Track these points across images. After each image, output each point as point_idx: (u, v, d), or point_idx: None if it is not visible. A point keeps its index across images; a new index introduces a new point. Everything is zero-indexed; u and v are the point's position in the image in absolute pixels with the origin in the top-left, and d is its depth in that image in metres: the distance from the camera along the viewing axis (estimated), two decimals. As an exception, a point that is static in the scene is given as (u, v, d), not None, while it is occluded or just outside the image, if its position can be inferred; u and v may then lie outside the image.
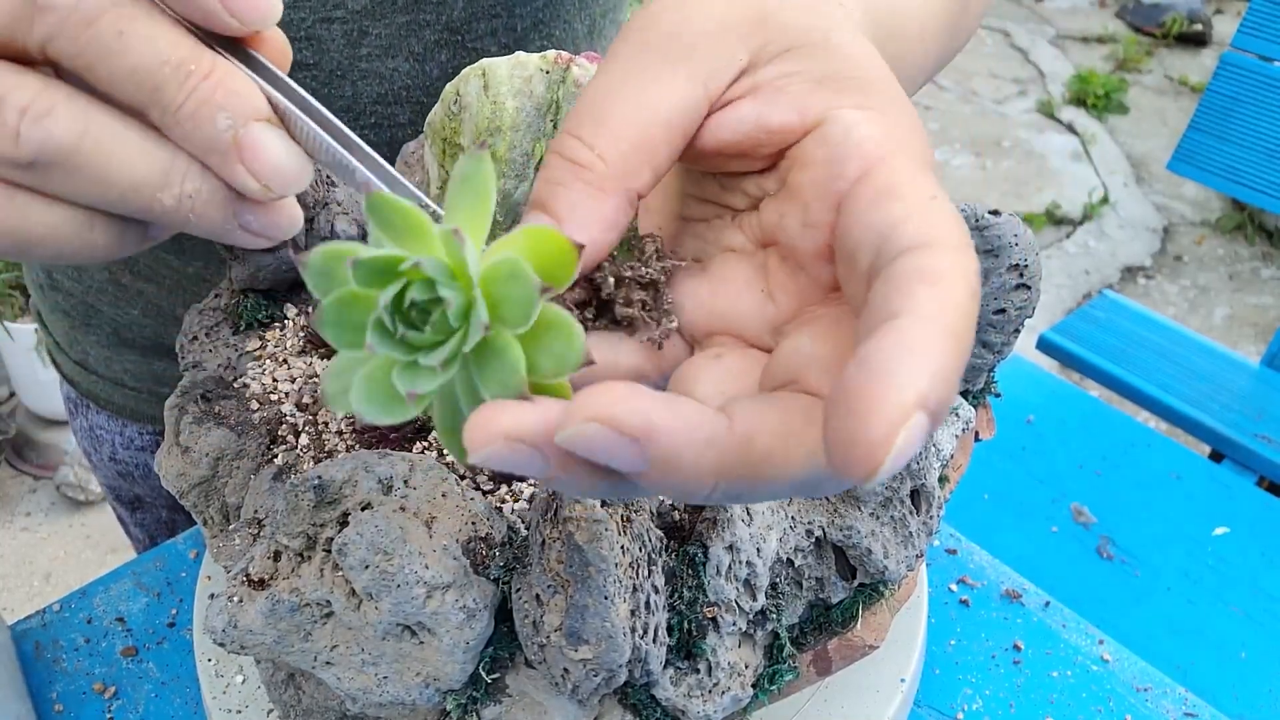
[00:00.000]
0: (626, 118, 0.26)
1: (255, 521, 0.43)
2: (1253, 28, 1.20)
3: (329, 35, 0.57)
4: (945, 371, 0.19)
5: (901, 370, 0.19)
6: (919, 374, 0.19)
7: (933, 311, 0.20)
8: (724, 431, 0.21)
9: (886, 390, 0.19)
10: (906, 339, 0.19)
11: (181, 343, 0.52)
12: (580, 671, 0.36)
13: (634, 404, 0.20)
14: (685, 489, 0.21)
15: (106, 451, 0.77)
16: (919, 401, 0.18)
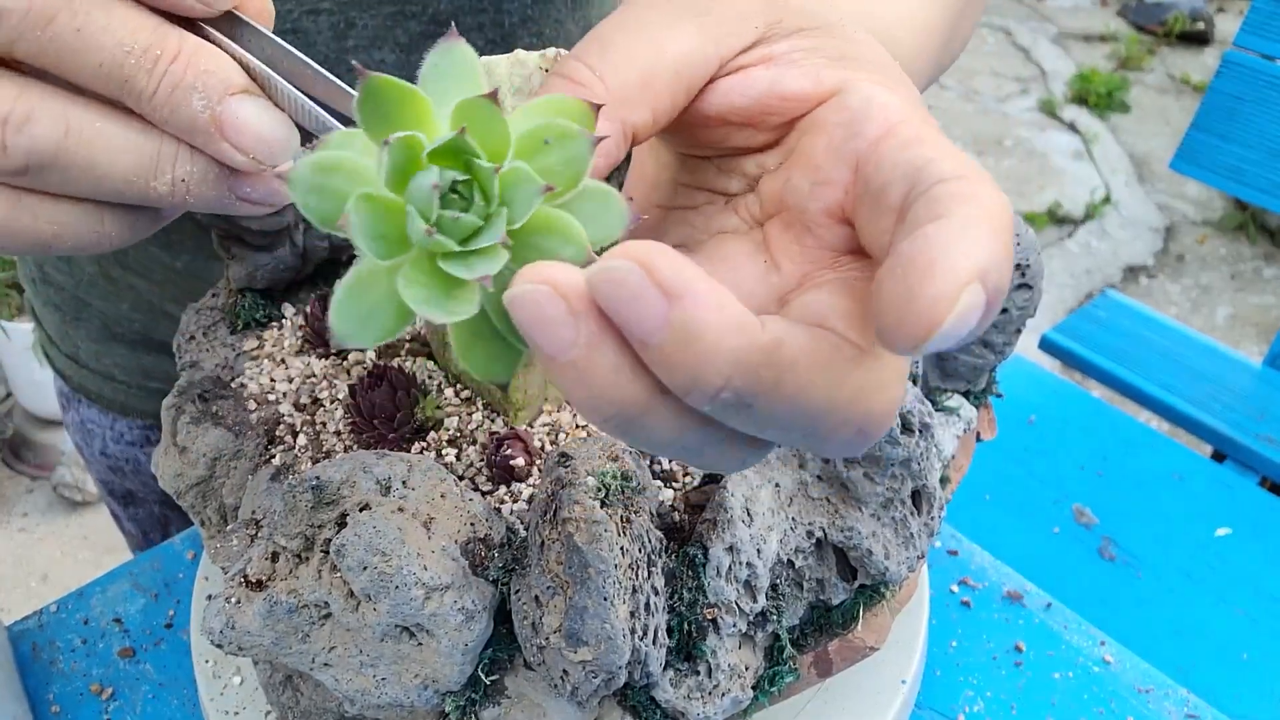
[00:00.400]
0: (633, 52, 0.25)
1: (253, 522, 0.42)
2: (1255, 26, 1.20)
3: (315, 27, 0.57)
4: (999, 259, 0.19)
5: (962, 243, 0.19)
6: (978, 248, 0.19)
7: (978, 214, 0.20)
8: (756, 326, 0.19)
9: (948, 256, 0.18)
10: (959, 224, 0.19)
11: (179, 342, 0.51)
12: (579, 673, 0.35)
13: (676, 262, 0.18)
14: (697, 374, 0.19)
15: (97, 446, 0.77)
16: (979, 272, 0.18)
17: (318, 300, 0.48)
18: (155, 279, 0.67)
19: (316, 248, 0.52)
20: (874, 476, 0.42)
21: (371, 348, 0.22)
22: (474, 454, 0.44)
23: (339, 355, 0.49)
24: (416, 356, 0.49)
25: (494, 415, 0.47)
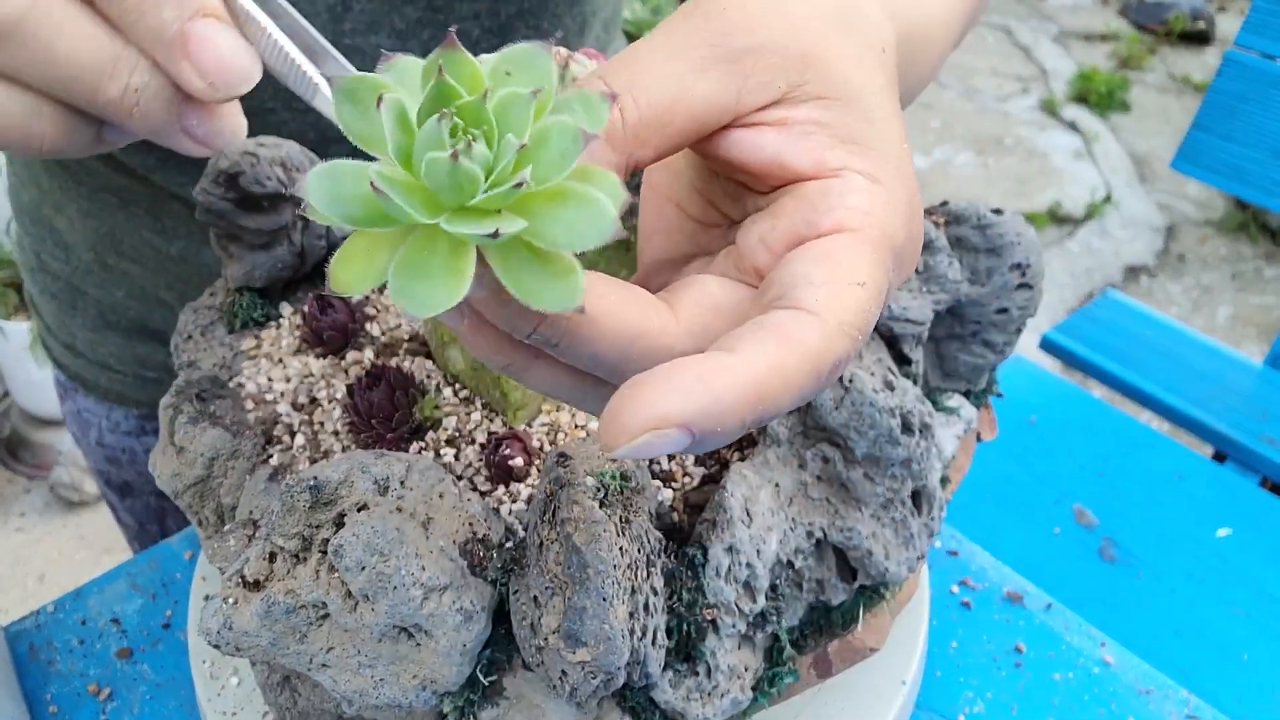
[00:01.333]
0: (659, 89, 0.26)
1: (250, 522, 0.42)
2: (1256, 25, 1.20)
3: (313, 10, 0.57)
4: (715, 411, 0.22)
5: (675, 392, 0.22)
6: (689, 399, 0.22)
7: (757, 363, 0.23)
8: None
9: (652, 402, 0.22)
10: (690, 365, 0.22)
11: (176, 342, 0.51)
12: (578, 674, 0.35)
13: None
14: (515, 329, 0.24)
15: (94, 436, 0.77)
16: (675, 421, 0.22)
17: (315, 299, 0.48)
18: (149, 265, 0.67)
19: (315, 247, 0.52)
20: (874, 477, 0.42)
21: (434, 313, 0.23)
22: (472, 454, 0.44)
23: (337, 355, 0.49)
24: (415, 356, 0.49)
25: (492, 415, 0.46)
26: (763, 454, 0.43)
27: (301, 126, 0.62)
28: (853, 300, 0.25)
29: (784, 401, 0.23)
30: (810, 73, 0.28)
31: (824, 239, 0.26)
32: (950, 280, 0.48)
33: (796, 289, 0.25)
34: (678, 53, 0.27)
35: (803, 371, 0.23)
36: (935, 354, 0.52)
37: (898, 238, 0.27)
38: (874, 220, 0.26)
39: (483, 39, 0.62)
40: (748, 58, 0.27)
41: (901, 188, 0.28)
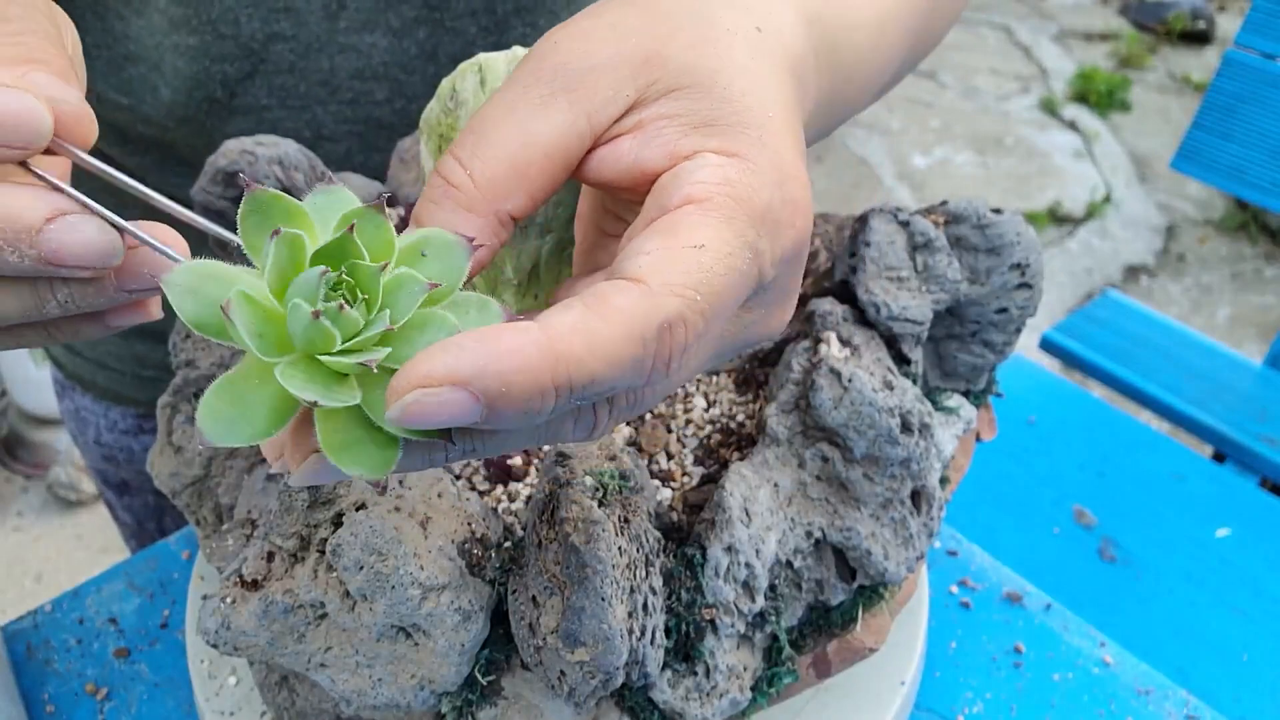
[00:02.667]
0: (504, 142, 0.26)
1: (249, 522, 0.42)
2: (1256, 25, 1.20)
3: (307, 7, 0.57)
4: (501, 371, 0.21)
5: (439, 354, 0.21)
6: (464, 357, 0.21)
7: (556, 324, 0.22)
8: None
9: (427, 358, 0.21)
10: (490, 332, 0.21)
11: (174, 341, 0.51)
12: (577, 674, 0.35)
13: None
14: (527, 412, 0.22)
15: (91, 435, 0.77)
16: (442, 377, 0.20)
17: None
18: None
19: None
20: (873, 477, 0.42)
21: (243, 445, 0.23)
22: (471, 453, 0.44)
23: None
24: (414, 355, 0.49)
25: (491, 414, 0.46)
26: (762, 454, 0.43)
27: (297, 125, 0.61)
28: (685, 262, 0.23)
29: (596, 366, 0.22)
30: (655, 71, 0.28)
31: (666, 215, 0.25)
32: (950, 280, 0.48)
33: (624, 263, 0.24)
34: (518, 100, 0.27)
35: (616, 333, 0.22)
36: (935, 354, 0.52)
37: (757, 200, 0.26)
38: (725, 189, 0.26)
39: (479, 37, 0.62)
40: (587, 79, 0.27)
41: (764, 155, 0.27)
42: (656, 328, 0.23)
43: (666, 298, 0.23)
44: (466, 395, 0.21)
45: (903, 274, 0.48)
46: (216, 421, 0.22)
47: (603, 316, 0.22)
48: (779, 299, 0.29)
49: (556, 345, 0.21)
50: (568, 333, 0.22)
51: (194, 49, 0.56)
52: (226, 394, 0.23)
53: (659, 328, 0.23)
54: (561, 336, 0.21)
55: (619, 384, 0.23)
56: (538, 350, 0.21)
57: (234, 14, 0.56)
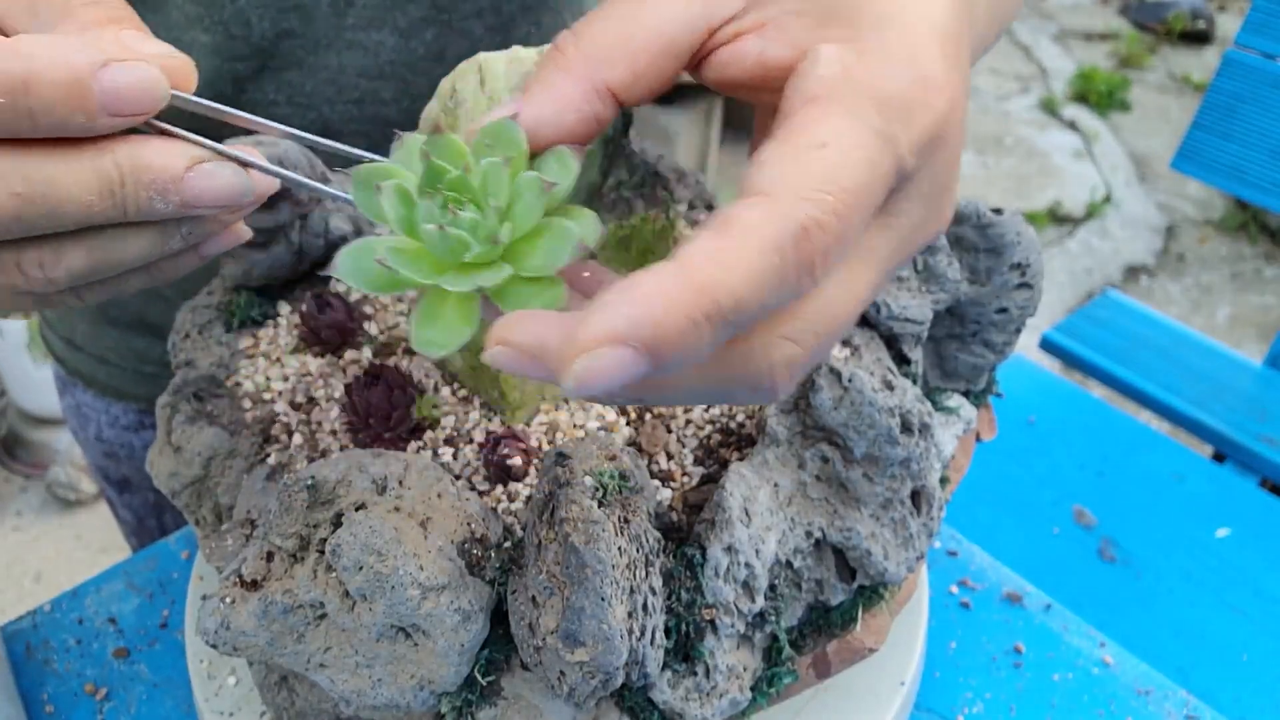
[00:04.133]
0: (616, 15, 0.27)
1: (248, 522, 0.42)
2: (1256, 25, 1.20)
3: (315, 4, 0.57)
4: (653, 317, 0.20)
5: (608, 311, 0.20)
6: (609, 320, 0.20)
7: (688, 257, 0.21)
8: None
9: (589, 323, 0.20)
10: (627, 283, 0.21)
11: (174, 341, 0.51)
12: (577, 674, 0.35)
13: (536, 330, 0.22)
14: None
15: (93, 431, 0.77)
16: (612, 337, 0.20)
17: (314, 298, 0.48)
18: None
19: (313, 245, 0.52)
20: (873, 477, 0.42)
21: (445, 352, 0.28)
22: (470, 453, 0.44)
23: (335, 354, 0.49)
24: (413, 355, 0.49)
25: (491, 414, 0.46)
26: (761, 454, 0.43)
27: (304, 123, 0.62)
28: (808, 164, 0.22)
29: (738, 286, 0.21)
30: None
31: (794, 115, 0.24)
32: (950, 280, 0.48)
33: (747, 180, 0.22)
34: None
35: (750, 250, 0.21)
36: (935, 354, 0.52)
37: (883, 84, 0.24)
38: (845, 80, 0.24)
39: (485, 36, 0.62)
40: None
41: (890, 35, 0.25)
42: (792, 236, 0.21)
43: (794, 204, 0.21)
44: (628, 350, 0.20)
45: (903, 274, 0.48)
46: (426, 343, 0.27)
47: (732, 237, 0.21)
48: (933, 191, 0.26)
49: (695, 276, 0.20)
50: (702, 261, 0.21)
51: (207, 46, 0.56)
52: (423, 321, 0.28)
53: (794, 236, 0.21)
54: (697, 266, 0.20)
55: (767, 301, 0.21)
56: (676, 285, 0.20)
57: (245, 14, 0.56)
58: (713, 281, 0.20)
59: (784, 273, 0.21)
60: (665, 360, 0.20)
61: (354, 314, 0.49)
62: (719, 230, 0.21)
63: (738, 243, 0.21)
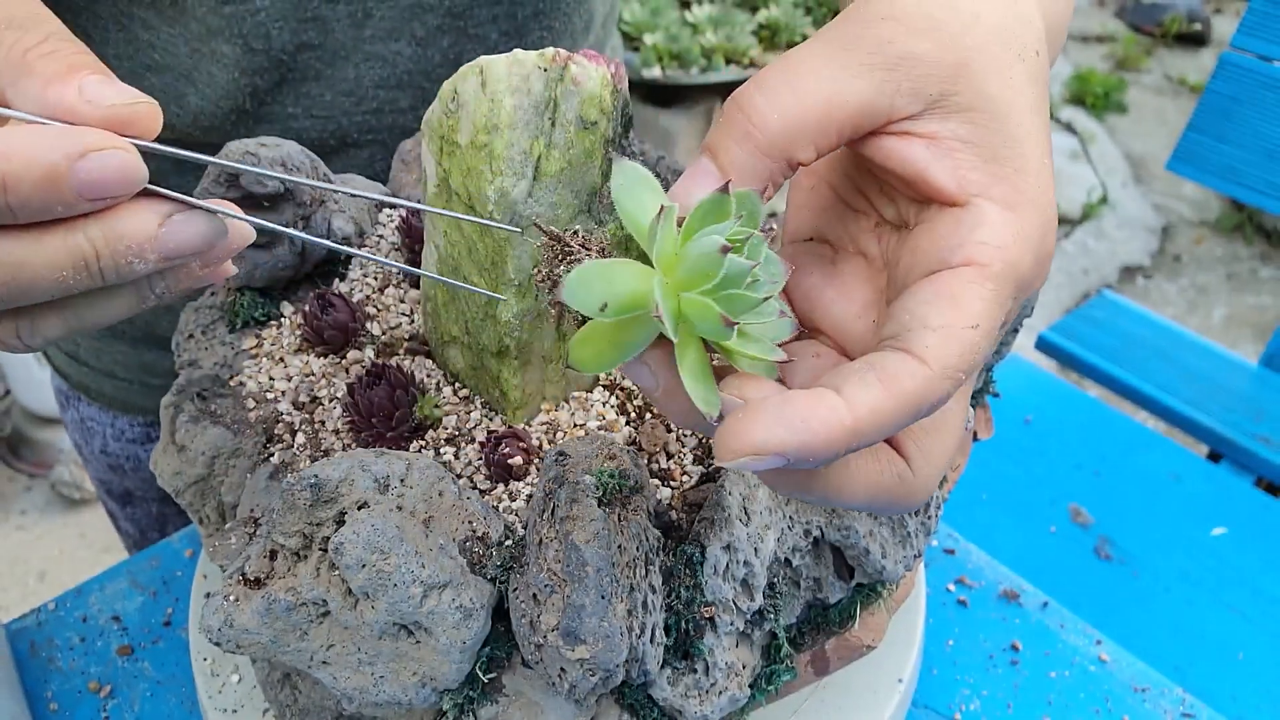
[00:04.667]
0: (815, 93, 0.28)
1: (251, 520, 0.42)
2: (1252, 27, 1.20)
3: (334, 15, 0.57)
4: (814, 447, 0.25)
5: (773, 423, 0.25)
6: (781, 432, 0.25)
7: (859, 407, 0.25)
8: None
9: (749, 429, 0.25)
10: (799, 404, 0.25)
11: (177, 341, 0.51)
12: (577, 671, 0.35)
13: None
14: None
15: (97, 444, 0.77)
16: (766, 448, 0.25)
17: (316, 299, 0.49)
18: None
19: (315, 246, 0.52)
20: (871, 475, 0.42)
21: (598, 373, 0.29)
22: (472, 452, 0.45)
23: (338, 354, 0.49)
24: (415, 355, 0.49)
25: (492, 414, 0.47)
26: (760, 453, 0.43)
27: (322, 134, 0.62)
28: (962, 345, 0.27)
29: (876, 436, 0.26)
30: (961, 83, 0.29)
31: (948, 273, 0.28)
32: (947, 280, 0.48)
33: (911, 332, 0.27)
34: (836, 56, 0.29)
35: (899, 412, 0.26)
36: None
37: (1023, 267, 0.28)
38: (1002, 254, 0.28)
39: (500, 42, 0.62)
40: (904, 65, 0.29)
41: (1036, 212, 0.29)
42: (929, 406, 0.26)
43: (943, 381, 0.26)
44: (782, 460, 0.25)
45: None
46: (587, 363, 0.29)
47: (891, 395, 0.26)
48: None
49: (859, 426, 0.25)
50: (867, 415, 0.25)
51: (227, 59, 0.57)
52: (583, 343, 0.29)
53: (930, 405, 0.26)
54: (862, 419, 0.25)
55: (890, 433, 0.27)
56: (843, 433, 0.25)
57: (265, 28, 0.56)
58: (864, 431, 0.25)
59: (904, 427, 0.26)
60: (796, 464, 0.26)
61: (356, 314, 0.49)
62: (887, 389, 0.26)
63: (894, 404, 0.26)
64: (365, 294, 0.52)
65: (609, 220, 0.43)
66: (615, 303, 0.27)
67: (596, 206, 0.42)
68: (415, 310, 0.52)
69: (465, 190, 0.40)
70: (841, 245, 0.34)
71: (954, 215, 0.29)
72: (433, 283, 0.46)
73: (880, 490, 0.29)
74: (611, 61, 0.40)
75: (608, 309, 0.27)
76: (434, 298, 0.47)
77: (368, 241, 0.55)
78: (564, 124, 0.39)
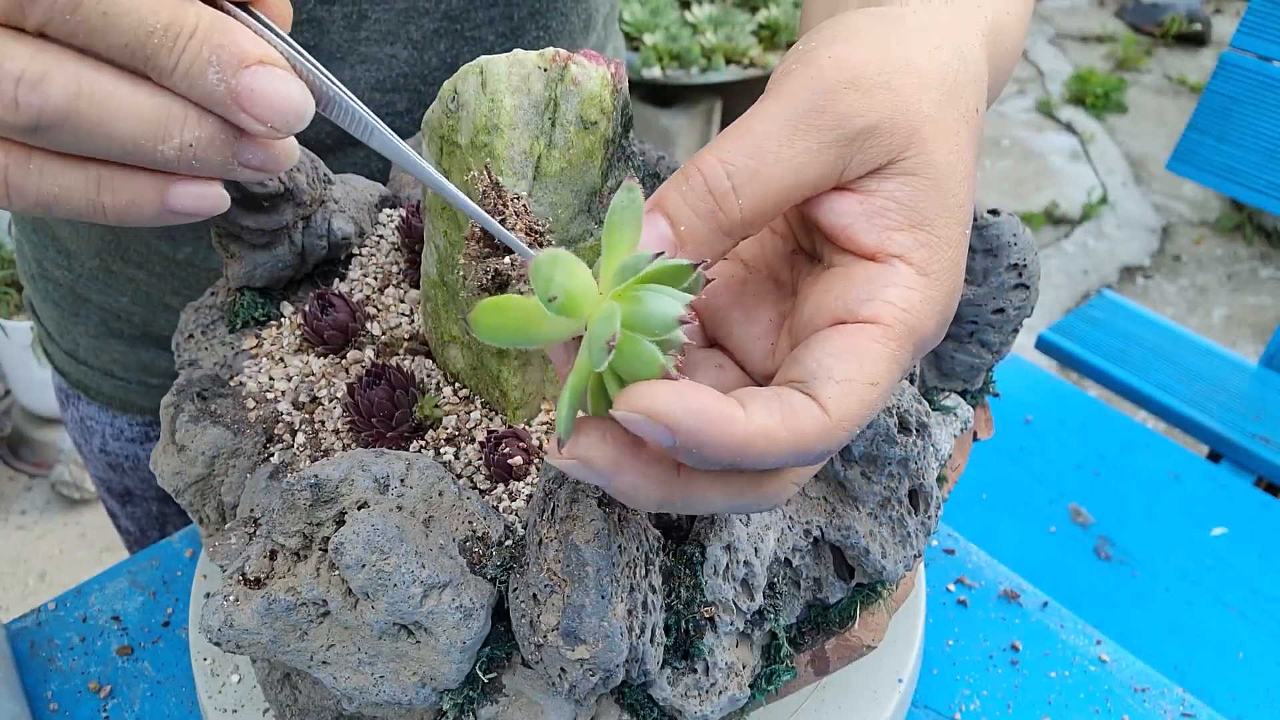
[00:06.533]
0: (780, 180, 0.29)
1: (251, 520, 0.42)
2: (1252, 27, 1.20)
3: (329, 17, 0.57)
4: (700, 439, 0.26)
5: (670, 399, 0.26)
6: (675, 412, 0.26)
7: (755, 424, 0.26)
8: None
9: (648, 391, 0.26)
10: (706, 395, 0.26)
11: (178, 341, 0.51)
12: (577, 671, 0.35)
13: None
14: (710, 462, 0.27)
15: (96, 443, 0.77)
16: (651, 412, 0.26)
17: (316, 299, 0.49)
18: (155, 271, 0.67)
19: (315, 246, 0.52)
20: (871, 476, 0.43)
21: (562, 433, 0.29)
22: (472, 452, 0.45)
23: (338, 354, 0.49)
24: (415, 355, 0.49)
25: (492, 414, 0.47)
26: (760, 453, 0.43)
27: (318, 135, 0.62)
28: (860, 400, 0.27)
29: (761, 462, 0.27)
30: (911, 150, 0.30)
31: (855, 327, 0.29)
32: (947, 280, 0.48)
33: (817, 380, 0.28)
34: (800, 136, 0.29)
35: (789, 446, 0.27)
36: (932, 354, 0.52)
37: (925, 332, 0.29)
38: (907, 317, 0.29)
39: (497, 44, 0.62)
40: (861, 138, 0.29)
41: (948, 279, 0.30)
42: (818, 452, 0.27)
43: (839, 431, 0.27)
44: (668, 433, 0.26)
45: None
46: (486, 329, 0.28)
47: (790, 430, 0.27)
48: None
49: (750, 440, 0.26)
50: (758, 434, 0.26)
51: None
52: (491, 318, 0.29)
53: (819, 452, 0.27)
54: (754, 434, 0.26)
55: (776, 465, 0.28)
56: (734, 439, 0.26)
57: None
58: (753, 449, 0.26)
59: (789, 464, 0.28)
60: (683, 454, 0.27)
61: (356, 314, 0.49)
62: (786, 423, 0.27)
63: (787, 437, 0.26)
64: (365, 294, 0.52)
65: None
66: (564, 298, 0.27)
67: (596, 206, 0.42)
68: (415, 310, 0.52)
69: (465, 190, 0.40)
70: (754, 266, 0.34)
71: (870, 269, 0.29)
72: (432, 283, 0.46)
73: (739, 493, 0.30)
74: (611, 61, 0.40)
75: (556, 303, 0.27)
76: (434, 298, 0.47)
77: (368, 241, 0.55)
78: (564, 124, 0.39)
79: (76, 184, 0.28)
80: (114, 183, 0.28)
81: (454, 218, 0.42)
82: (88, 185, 0.28)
